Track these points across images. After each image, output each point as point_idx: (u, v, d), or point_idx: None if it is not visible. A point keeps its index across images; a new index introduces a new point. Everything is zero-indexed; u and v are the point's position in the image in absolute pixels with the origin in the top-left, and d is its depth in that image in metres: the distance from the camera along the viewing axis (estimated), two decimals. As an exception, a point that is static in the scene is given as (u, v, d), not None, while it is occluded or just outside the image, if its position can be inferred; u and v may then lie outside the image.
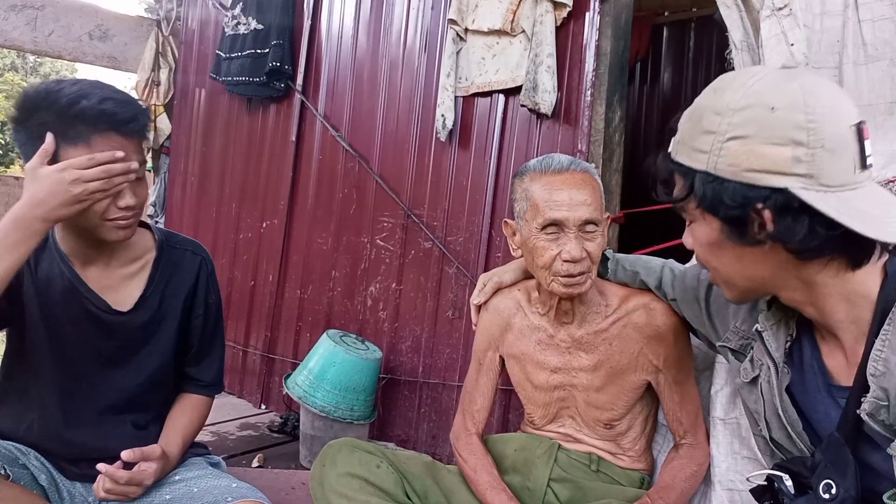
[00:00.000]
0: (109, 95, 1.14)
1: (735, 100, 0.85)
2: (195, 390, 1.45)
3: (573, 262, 1.25)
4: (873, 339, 0.86)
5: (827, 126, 0.81)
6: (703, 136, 0.87)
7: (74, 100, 1.11)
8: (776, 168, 0.82)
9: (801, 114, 0.81)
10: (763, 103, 0.83)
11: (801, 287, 0.91)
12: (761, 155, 0.82)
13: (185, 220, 4.24)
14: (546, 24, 2.57)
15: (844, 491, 0.85)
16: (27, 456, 1.26)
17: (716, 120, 0.86)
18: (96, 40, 4.63)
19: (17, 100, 1.15)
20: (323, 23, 3.54)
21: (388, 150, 3.22)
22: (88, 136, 1.12)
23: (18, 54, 16.60)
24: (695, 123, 0.90)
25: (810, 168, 0.81)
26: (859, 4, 1.44)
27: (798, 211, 0.82)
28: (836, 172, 0.81)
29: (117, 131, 1.14)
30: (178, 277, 1.38)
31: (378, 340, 3.13)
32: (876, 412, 0.84)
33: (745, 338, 1.11)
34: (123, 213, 1.18)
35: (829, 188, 0.81)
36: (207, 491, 1.22)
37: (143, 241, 1.36)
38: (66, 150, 1.12)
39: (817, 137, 0.81)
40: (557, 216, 1.25)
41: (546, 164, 1.31)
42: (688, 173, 0.90)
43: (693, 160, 0.89)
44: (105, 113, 1.12)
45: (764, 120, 0.83)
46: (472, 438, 1.47)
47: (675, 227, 1.08)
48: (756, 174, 0.83)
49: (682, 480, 1.33)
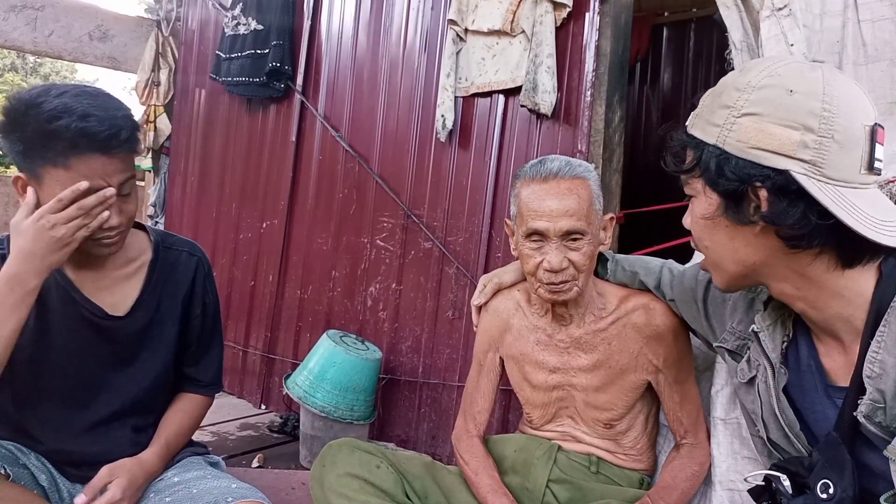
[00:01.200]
0: (90, 112, 1.08)
1: (757, 79, 0.86)
2: (194, 390, 1.44)
3: (553, 272, 1.26)
4: (869, 340, 0.85)
5: (841, 119, 0.82)
6: (720, 110, 0.88)
7: (54, 117, 1.06)
8: (781, 149, 0.83)
9: (818, 101, 0.82)
10: (782, 85, 0.84)
11: (791, 278, 0.91)
12: (770, 134, 0.83)
13: (185, 220, 4.24)
14: (546, 25, 2.57)
15: (842, 491, 0.85)
16: (28, 456, 1.26)
17: (734, 95, 0.87)
18: (96, 41, 4.64)
19: (3, 107, 1.11)
20: (323, 23, 3.54)
21: (388, 150, 3.22)
22: (67, 157, 1.08)
23: (18, 55, 16.61)
24: (714, 98, 0.91)
25: (815, 156, 0.81)
26: (859, 5, 1.44)
27: (794, 195, 0.82)
28: (841, 167, 0.82)
29: (98, 151, 1.10)
30: (175, 279, 1.37)
31: (378, 341, 3.13)
32: (872, 414, 0.84)
33: (741, 338, 1.11)
34: (107, 233, 1.16)
35: (830, 181, 0.82)
36: (207, 491, 1.22)
37: (139, 243, 1.35)
38: (47, 171, 1.10)
39: (829, 127, 0.81)
40: (538, 226, 1.26)
41: (536, 170, 1.30)
42: (698, 146, 0.91)
43: (705, 133, 0.90)
44: (84, 133, 1.07)
45: (780, 101, 0.84)
46: (474, 440, 1.47)
47: (675, 227, 1.08)
48: (761, 153, 0.84)
49: (683, 480, 1.33)
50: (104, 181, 1.12)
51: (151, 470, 1.28)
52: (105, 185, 1.11)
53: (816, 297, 0.90)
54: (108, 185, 1.12)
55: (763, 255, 0.90)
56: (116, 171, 1.13)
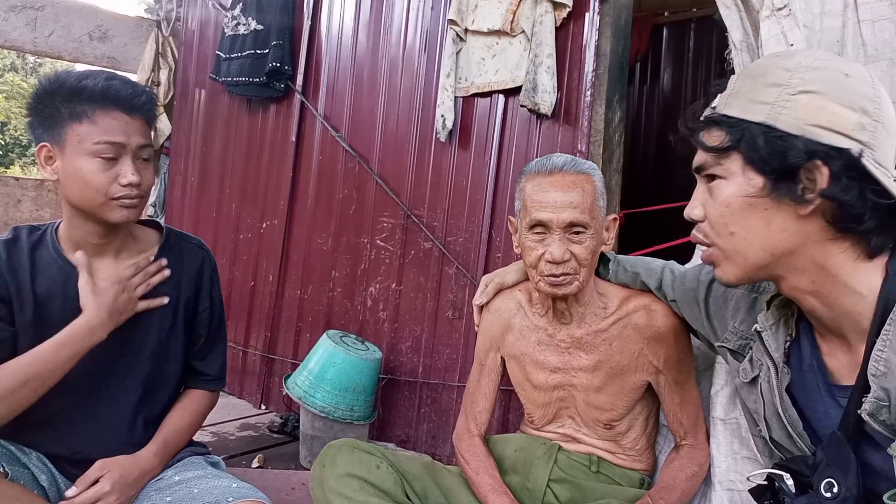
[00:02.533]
0: (114, 76, 1.22)
1: (808, 61, 0.87)
2: (201, 385, 1.45)
3: (554, 263, 1.26)
4: (874, 339, 0.85)
5: (887, 106, 0.85)
6: (768, 88, 0.87)
7: (83, 76, 1.20)
8: (842, 129, 0.83)
9: (870, 87, 0.85)
10: (837, 68, 0.86)
11: (810, 270, 0.89)
12: (832, 112, 0.84)
13: (185, 220, 4.24)
14: (546, 25, 2.57)
15: (846, 490, 0.85)
16: (28, 456, 1.26)
17: (785, 75, 0.86)
18: (96, 41, 4.64)
19: (33, 88, 1.24)
20: (323, 23, 3.54)
21: (388, 150, 3.22)
22: (93, 110, 1.19)
23: (18, 55, 16.61)
24: (756, 78, 0.90)
25: (871, 138, 0.84)
26: (859, 4, 1.43)
27: (855, 175, 0.83)
28: (887, 153, 0.85)
29: (121, 108, 1.21)
30: (184, 266, 1.40)
31: (378, 341, 3.13)
32: (877, 412, 0.84)
33: (743, 338, 1.11)
34: (127, 190, 1.21)
35: (879, 165, 0.84)
36: (208, 491, 1.22)
37: (149, 237, 1.40)
38: (72, 129, 1.19)
39: (880, 113, 0.84)
40: (542, 217, 1.27)
41: (542, 164, 1.33)
42: (736, 126, 0.88)
43: (748, 112, 0.88)
44: (109, 89, 1.19)
45: (839, 81, 0.85)
46: (475, 440, 1.47)
47: (675, 227, 1.08)
48: (821, 130, 0.83)
49: (683, 481, 1.34)
50: (125, 137, 1.21)
51: (147, 467, 1.28)
52: (126, 142, 1.21)
53: (830, 292, 0.90)
54: (128, 143, 1.21)
55: (796, 242, 0.88)
56: (136, 131, 1.23)
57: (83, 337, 1.19)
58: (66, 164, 1.21)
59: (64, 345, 1.18)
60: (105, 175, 1.20)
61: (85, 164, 1.19)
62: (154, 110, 1.28)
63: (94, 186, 1.20)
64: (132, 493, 1.24)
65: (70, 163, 1.20)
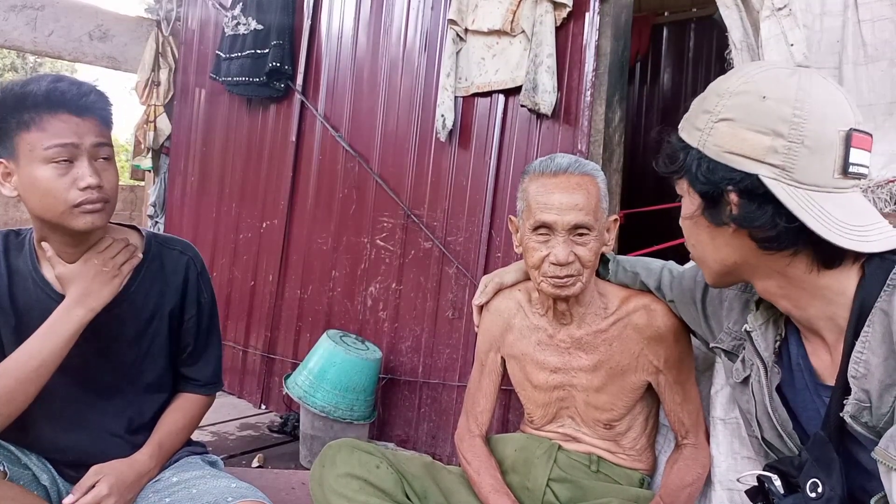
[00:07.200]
0: (60, 79, 1.16)
1: (735, 84, 0.88)
2: (192, 389, 1.43)
3: (559, 265, 1.26)
4: (853, 340, 0.85)
5: (812, 124, 0.83)
6: (702, 114, 0.91)
7: (27, 82, 1.15)
8: (752, 154, 0.85)
9: (789, 108, 0.84)
10: (757, 91, 0.86)
11: (774, 277, 0.92)
12: (742, 139, 0.85)
13: (185, 220, 4.24)
14: (546, 25, 2.57)
15: (830, 489, 0.85)
16: (29, 456, 1.26)
17: (714, 101, 0.89)
18: (96, 40, 4.63)
19: None
20: (323, 23, 3.54)
21: (388, 150, 3.22)
22: (40, 117, 1.13)
23: (18, 54, 16.59)
24: (699, 102, 0.93)
25: (784, 160, 0.83)
26: (859, 5, 1.44)
27: (763, 199, 0.84)
28: (812, 171, 0.83)
29: (68, 109, 1.14)
30: (166, 276, 1.35)
31: (378, 340, 3.13)
32: (858, 414, 0.84)
33: (736, 338, 1.11)
34: (86, 194, 1.15)
35: (801, 185, 0.83)
36: (207, 491, 1.21)
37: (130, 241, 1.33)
38: (22, 139, 1.14)
39: (799, 133, 0.83)
40: (547, 219, 1.26)
41: (545, 165, 1.32)
42: (684, 148, 0.93)
43: (690, 136, 0.92)
44: (54, 91, 1.14)
45: (753, 107, 0.86)
46: (476, 440, 1.47)
47: (675, 227, 1.08)
48: (734, 157, 0.86)
49: (690, 483, 1.33)
50: (76, 137, 1.14)
51: (142, 469, 1.27)
52: (79, 143, 1.14)
53: (798, 297, 0.91)
54: (81, 143, 1.14)
55: (741, 255, 0.92)
56: (88, 132, 1.16)
57: (62, 319, 1.15)
58: (23, 177, 1.15)
59: (46, 334, 1.14)
60: (62, 181, 1.13)
61: (40, 173, 1.13)
62: (108, 108, 1.21)
63: (52, 195, 1.13)
64: (130, 496, 1.23)
65: (26, 174, 1.14)
